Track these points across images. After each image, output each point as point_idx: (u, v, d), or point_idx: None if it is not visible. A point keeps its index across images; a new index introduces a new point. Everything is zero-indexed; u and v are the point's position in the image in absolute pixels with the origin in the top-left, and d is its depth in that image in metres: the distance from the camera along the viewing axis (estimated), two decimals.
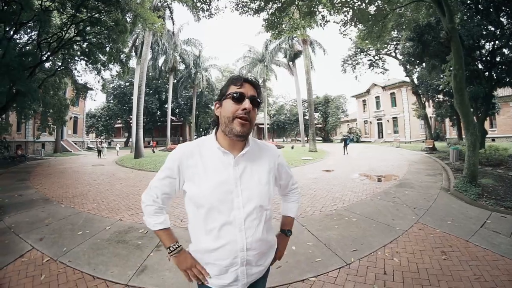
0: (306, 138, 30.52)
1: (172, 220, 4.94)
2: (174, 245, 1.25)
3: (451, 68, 7.84)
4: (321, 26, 9.88)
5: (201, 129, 51.38)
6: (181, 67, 38.74)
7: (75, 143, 31.36)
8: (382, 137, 37.82)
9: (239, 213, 1.16)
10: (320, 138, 46.04)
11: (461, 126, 16.93)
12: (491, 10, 10.30)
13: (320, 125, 48.91)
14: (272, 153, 1.34)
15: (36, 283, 2.87)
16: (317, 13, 9.51)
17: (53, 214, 5.45)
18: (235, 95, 1.13)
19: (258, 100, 1.18)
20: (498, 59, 12.31)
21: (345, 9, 9.23)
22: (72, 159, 21.03)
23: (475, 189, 6.35)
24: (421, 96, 23.79)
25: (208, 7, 9.21)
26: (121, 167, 14.77)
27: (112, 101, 41.97)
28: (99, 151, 22.04)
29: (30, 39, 12.24)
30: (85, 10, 10.93)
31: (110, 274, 3.01)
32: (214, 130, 1.27)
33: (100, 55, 13.34)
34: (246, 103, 1.13)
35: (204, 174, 1.17)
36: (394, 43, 21.62)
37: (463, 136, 9.28)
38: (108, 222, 4.91)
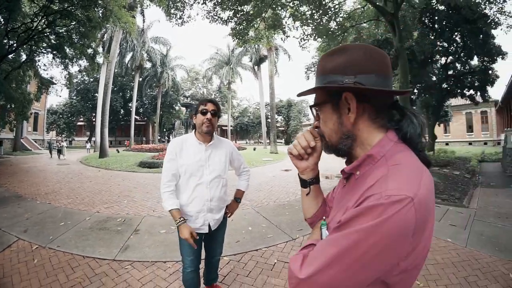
0: (268, 140, 31.56)
1: (145, 210, 5.62)
2: (181, 218, 1.89)
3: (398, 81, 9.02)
4: (282, 40, 10.83)
5: (164, 129, 49.83)
6: (148, 65, 38.23)
7: (35, 141, 29.74)
8: None
9: (207, 178, 2.02)
10: (282, 141, 47.43)
11: None
12: (446, 29, 11.46)
13: (282, 128, 50.51)
14: (228, 145, 2.24)
15: (30, 266, 3.18)
16: (282, 26, 10.39)
17: (31, 209, 5.62)
18: (202, 111, 1.97)
19: (216, 112, 2.02)
20: (450, 72, 13.56)
21: (307, 24, 10.19)
22: (34, 158, 20.23)
23: None
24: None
25: (181, 14, 9.69)
26: (87, 166, 14.72)
27: (75, 97, 40.10)
28: (59, 151, 20.09)
29: None
30: (57, 2, 10.59)
31: (98, 253, 3.53)
32: (193, 131, 2.10)
33: (69, 49, 13.02)
34: (208, 115, 1.97)
35: (187, 155, 2.01)
36: None
37: None
38: (86, 214, 5.29)
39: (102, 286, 2.78)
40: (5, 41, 10.62)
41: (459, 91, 13.76)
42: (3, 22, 10.93)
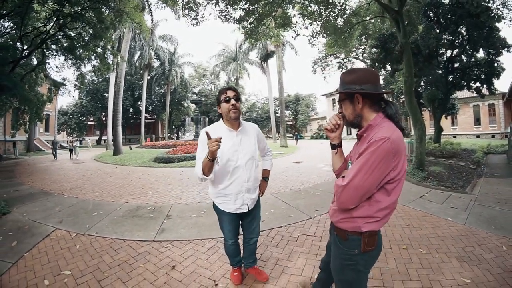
0: (277, 135, 31.83)
1: (172, 199, 5.99)
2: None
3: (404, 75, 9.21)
4: (293, 37, 11.13)
5: (173, 126, 50.13)
6: (156, 63, 38.61)
7: (47, 142, 30.22)
8: (350, 134, 40.07)
9: (242, 161, 2.17)
10: (291, 135, 47.64)
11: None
12: (451, 23, 11.50)
13: (291, 122, 50.56)
14: (255, 128, 2.39)
15: (74, 251, 3.36)
16: (291, 25, 10.69)
17: (60, 203, 5.80)
18: (226, 99, 2.11)
19: (238, 96, 2.16)
20: (457, 65, 13.61)
21: (315, 22, 10.48)
22: (48, 158, 20.54)
23: (422, 173, 7.54)
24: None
25: (195, 15, 9.91)
26: (102, 163, 15.04)
27: (84, 98, 40.81)
28: (71, 151, 20.01)
29: (5, 31, 11.63)
30: (67, 5, 10.49)
31: (137, 236, 3.84)
32: (221, 120, 2.25)
33: (82, 51, 13.10)
34: (232, 101, 2.09)
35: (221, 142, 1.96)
36: (362, 47, 22.86)
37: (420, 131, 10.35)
38: (116, 204, 5.56)
39: (148, 262, 3.05)
40: (19, 45, 10.74)
41: (465, 83, 13.74)
42: (15, 27, 11.06)
